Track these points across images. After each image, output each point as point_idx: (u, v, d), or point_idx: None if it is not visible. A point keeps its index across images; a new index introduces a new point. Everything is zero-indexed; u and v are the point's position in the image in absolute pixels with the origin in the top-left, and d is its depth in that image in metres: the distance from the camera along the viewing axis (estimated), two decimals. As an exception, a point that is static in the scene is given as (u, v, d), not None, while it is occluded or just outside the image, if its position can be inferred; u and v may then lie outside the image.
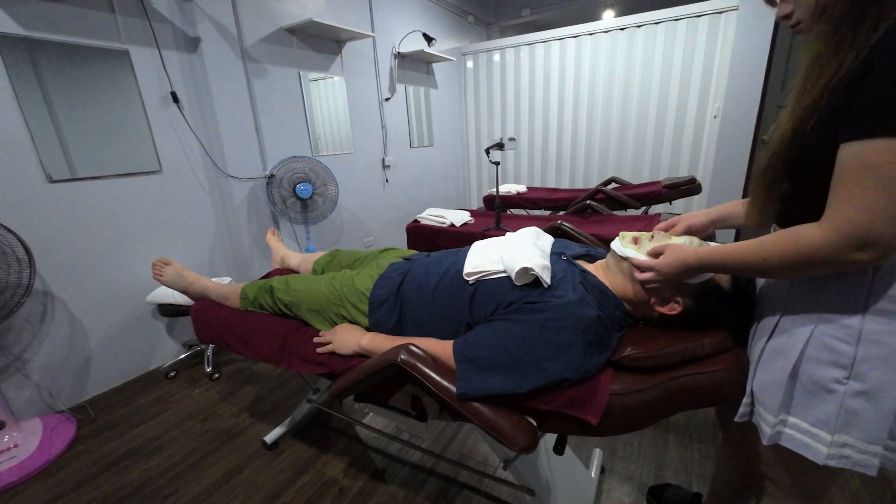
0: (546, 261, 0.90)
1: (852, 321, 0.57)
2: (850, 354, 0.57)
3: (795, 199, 0.62)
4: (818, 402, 0.60)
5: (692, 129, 3.30)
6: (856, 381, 0.57)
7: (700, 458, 1.38)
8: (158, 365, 2.11)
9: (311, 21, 2.30)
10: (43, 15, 1.59)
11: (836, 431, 0.58)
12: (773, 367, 0.65)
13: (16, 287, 1.41)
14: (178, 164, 2.07)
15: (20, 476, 1.41)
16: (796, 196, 0.62)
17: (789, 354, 0.63)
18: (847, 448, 0.58)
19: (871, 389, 0.56)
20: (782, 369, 0.63)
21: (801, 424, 0.62)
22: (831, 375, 0.59)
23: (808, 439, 0.61)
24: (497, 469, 1.36)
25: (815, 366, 0.60)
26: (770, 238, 0.61)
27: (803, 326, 0.62)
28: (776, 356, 0.65)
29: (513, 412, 0.78)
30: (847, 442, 0.58)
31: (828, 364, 0.59)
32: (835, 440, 0.59)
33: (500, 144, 2.32)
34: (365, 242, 3.26)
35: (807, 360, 0.61)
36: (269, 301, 1.23)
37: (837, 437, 0.58)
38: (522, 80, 3.91)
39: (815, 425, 0.61)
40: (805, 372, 0.61)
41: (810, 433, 0.61)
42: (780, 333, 0.66)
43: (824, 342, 0.59)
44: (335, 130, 2.87)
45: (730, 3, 2.95)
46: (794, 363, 0.62)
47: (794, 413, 0.63)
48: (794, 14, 0.61)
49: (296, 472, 1.41)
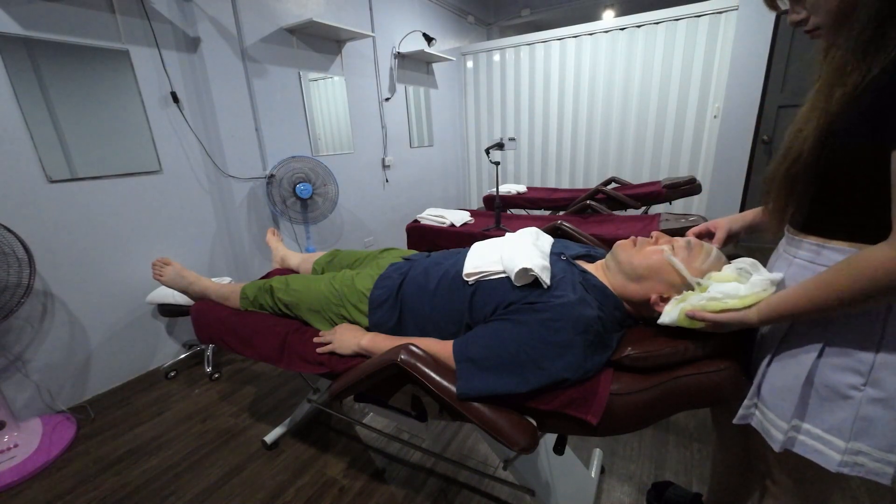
0: (546, 261, 0.90)
1: (873, 326, 0.56)
2: (869, 361, 0.56)
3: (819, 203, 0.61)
4: (833, 408, 0.59)
5: (692, 129, 3.30)
6: (873, 388, 0.56)
7: (700, 458, 1.38)
8: (158, 365, 2.11)
9: (311, 21, 2.30)
10: (43, 15, 1.59)
11: (851, 439, 0.57)
12: (785, 371, 0.64)
13: (16, 287, 1.41)
14: (178, 164, 2.07)
15: (20, 476, 1.41)
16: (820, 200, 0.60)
17: (804, 359, 0.61)
18: (861, 456, 0.57)
19: (889, 397, 0.55)
20: (796, 374, 0.62)
21: (813, 431, 0.61)
22: (848, 381, 0.58)
23: (821, 446, 0.60)
24: (497, 469, 1.36)
25: (830, 371, 0.59)
26: (833, 273, 0.55)
27: (819, 331, 0.61)
28: (789, 361, 0.64)
29: (513, 412, 0.78)
30: (861, 450, 0.57)
31: (845, 370, 0.58)
32: (849, 447, 0.58)
33: (500, 144, 2.32)
34: (365, 242, 3.26)
35: (822, 365, 0.60)
36: (269, 301, 1.23)
37: (852, 445, 0.57)
38: (522, 80, 3.92)
39: (828, 432, 0.59)
40: (820, 377, 0.60)
41: (823, 440, 0.60)
42: (793, 338, 0.64)
43: (841, 348, 0.58)
44: (335, 130, 2.87)
45: (730, 3, 2.95)
46: (809, 368, 0.60)
47: (807, 419, 0.62)
48: (811, 20, 0.59)
49: (296, 472, 1.41)
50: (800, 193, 0.62)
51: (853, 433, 0.57)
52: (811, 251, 0.62)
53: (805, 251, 0.64)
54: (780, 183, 0.64)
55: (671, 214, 2.32)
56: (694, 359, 0.74)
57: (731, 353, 0.74)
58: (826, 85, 0.57)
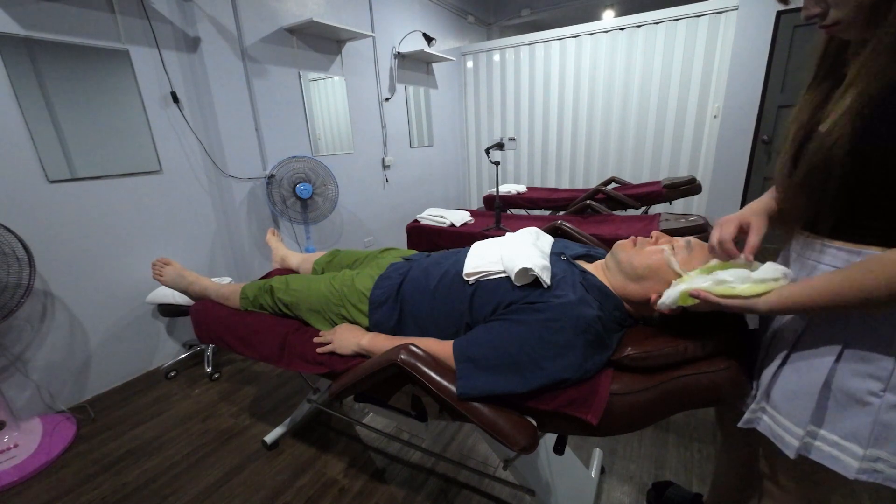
0: (546, 261, 0.90)
1: (892, 331, 0.55)
2: (889, 367, 0.55)
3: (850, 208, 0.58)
4: (851, 414, 0.58)
5: (692, 129, 3.30)
6: (893, 394, 0.55)
7: (700, 458, 1.38)
8: (158, 365, 2.11)
9: (311, 21, 2.30)
10: (43, 15, 1.59)
11: (870, 445, 0.56)
12: (800, 376, 0.62)
13: (16, 287, 1.41)
14: (178, 164, 2.07)
15: (20, 476, 1.41)
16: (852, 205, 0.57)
17: (820, 364, 0.60)
18: (880, 462, 0.56)
19: None
20: (812, 380, 0.60)
21: (830, 437, 0.60)
22: (866, 387, 0.56)
23: (837, 452, 0.59)
24: (497, 469, 1.37)
25: (849, 377, 0.58)
26: (861, 272, 0.53)
27: (835, 336, 0.59)
28: (804, 365, 0.62)
29: (513, 412, 0.78)
30: (880, 456, 0.56)
31: (864, 375, 0.57)
32: (867, 454, 0.57)
33: (500, 144, 2.32)
34: (365, 242, 3.26)
35: (840, 370, 0.58)
36: (269, 301, 1.23)
37: (870, 452, 0.56)
38: (522, 80, 3.92)
39: (845, 438, 0.58)
40: (838, 383, 0.59)
41: (840, 446, 0.59)
42: (808, 341, 0.63)
43: (860, 353, 0.57)
44: (335, 130, 2.87)
45: (730, 3, 2.95)
46: (826, 374, 0.59)
47: (824, 426, 0.60)
48: (831, 14, 0.55)
49: (296, 472, 1.41)
50: (828, 199, 0.58)
51: (872, 440, 0.56)
52: (840, 257, 0.59)
53: (831, 257, 0.60)
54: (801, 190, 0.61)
55: (671, 214, 2.32)
56: (694, 359, 0.74)
57: (732, 353, 0.74)
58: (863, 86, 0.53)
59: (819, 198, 0.59)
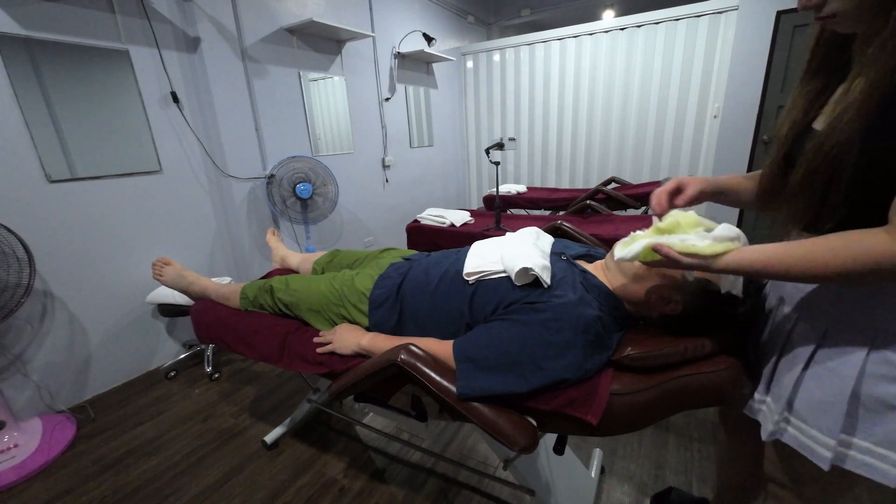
0: (546, 261, 0.90)
1: None
2: None
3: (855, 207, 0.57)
4: (884, 420, 0.56)
5: (692, 129, 3.30)
6: None
7: (700, 459, 1.38)
8: (158, 365, 2.11)
9: (311, 21, 2.30)
10: (43, 15, 1.59)
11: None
12: (824, 384, 0.61)
13: (16, 287, 1.41)
14: (178, 164, 2.07)
15: (20, 476, 1.41)
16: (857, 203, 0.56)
17: (845, 372, 0.58)
18: None
19: None
20: (839, 388, 0.59)
21: (862, 444, 0.58)
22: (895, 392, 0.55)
23: (871, 460, 0.58)
24: (497, 469, 1.37)
25: (876, 382, 0.56)
26: (822, 249, 0.54)
27: (859, 341, 0.58)
28: (827, 373, 0.61)
29: (513, 412, 0.78)
30: None
31: (890, 380, 0.55)
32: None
33: (500, 144, 2.32)
34: (365, 242, 3.26)
35: (868, 376, 0.57)
36: (269, 301, 1.23)
37: None
38: (522, 80, 3.91)
39: (881, 445, 0.57)
40: (867, 390, 0.57)
41: (875, 453, 0.57)
42: (829, 348, 0.61)
43: (886, 356, 0.55)
44: (335, 130, 2.87)
45: (730, 3, 2.95)
46: (853, 381, 0.57)
47: (857, 434, 0.59)
48: (829, 5, 0.54)
49: (296, 472, 1.41)
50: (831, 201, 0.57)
51: None
52: None
53: None
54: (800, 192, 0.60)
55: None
56: (694, 359, 0.74)
57: (732, 353, 0.74)
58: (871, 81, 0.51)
59: (821, 200, 0.58)
